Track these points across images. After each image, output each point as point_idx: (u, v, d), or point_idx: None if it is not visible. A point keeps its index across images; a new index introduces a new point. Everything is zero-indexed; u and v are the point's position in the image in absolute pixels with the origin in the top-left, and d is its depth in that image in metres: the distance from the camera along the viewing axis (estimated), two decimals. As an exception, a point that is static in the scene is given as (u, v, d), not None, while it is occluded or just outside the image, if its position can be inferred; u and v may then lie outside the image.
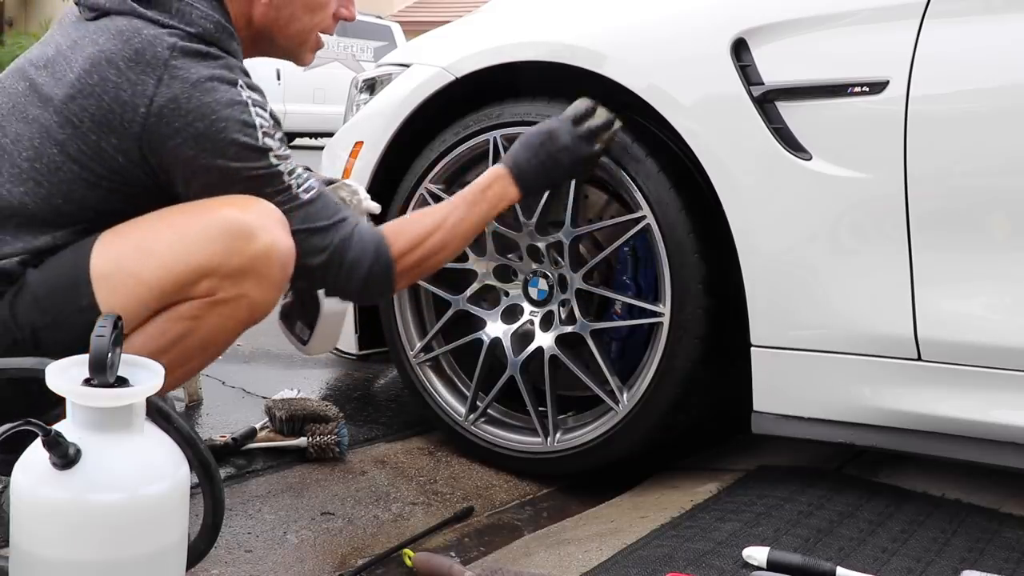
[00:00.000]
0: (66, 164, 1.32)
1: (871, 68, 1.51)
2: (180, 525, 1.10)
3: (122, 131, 1.31)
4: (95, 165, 1.33)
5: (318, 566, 1.50)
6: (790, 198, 1.57)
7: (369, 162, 2.07)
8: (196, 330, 1.34)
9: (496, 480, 1.92)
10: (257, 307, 1.36)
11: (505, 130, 1.88)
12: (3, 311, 1.31)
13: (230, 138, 1.33)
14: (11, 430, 1.00)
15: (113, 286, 1.30)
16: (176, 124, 1.31)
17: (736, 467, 1.86)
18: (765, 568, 1.32)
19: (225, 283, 1.31)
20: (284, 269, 1.36)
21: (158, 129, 1.31)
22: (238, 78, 1.37)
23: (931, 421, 1.53)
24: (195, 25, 1.36)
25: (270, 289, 1.35)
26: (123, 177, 1.34)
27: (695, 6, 1.73)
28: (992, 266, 1.47)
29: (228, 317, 1.35)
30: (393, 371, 2.54)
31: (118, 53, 1.31)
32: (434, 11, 19.55)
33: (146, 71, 1.30)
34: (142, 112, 1.30)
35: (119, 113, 1.30)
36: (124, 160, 1.33)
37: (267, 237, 1.32)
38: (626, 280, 1.86)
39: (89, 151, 1.32)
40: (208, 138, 1.32)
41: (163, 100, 1.30)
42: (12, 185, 1.33)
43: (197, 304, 1.32)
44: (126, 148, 1.32)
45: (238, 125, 1.33)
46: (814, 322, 1.58)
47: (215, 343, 1.38)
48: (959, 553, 1.41)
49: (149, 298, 1.31)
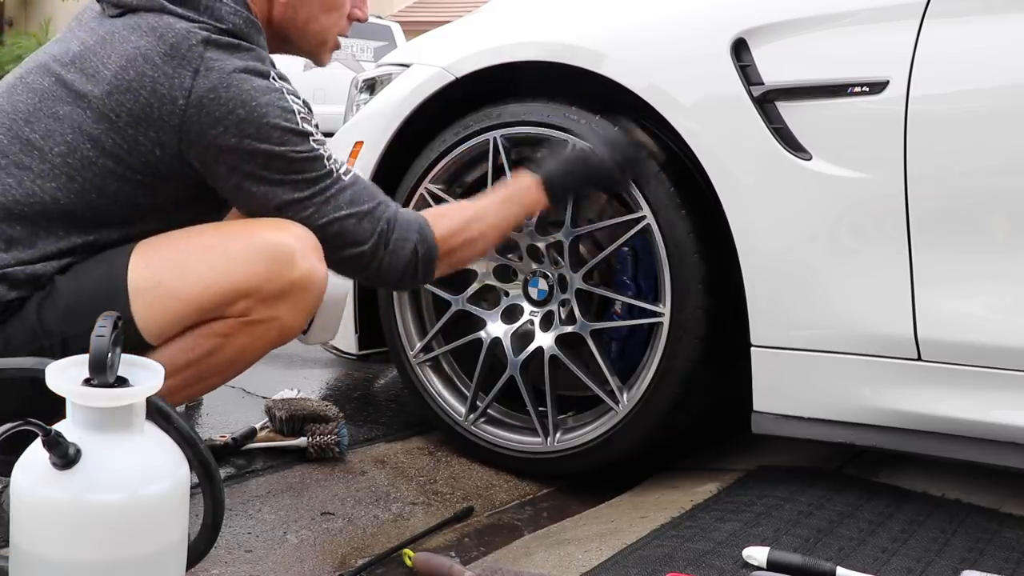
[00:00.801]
0: (100, 159, 1.33)
1: (871, 68, 1.51)
2: (180, 525, 1.10)
3: (161, 124, 1.32)
4: (131, 159, 1.34)
5: (318, 566, 1.50)
6: (790, 198, 1.57)
7: (369, 162, 2.07)
8: (225, 347, 1.36)
9: (496, 480, 1.92)
10: (287, 330, 1.39)
11: (505, 130, 1.88)
12: (30, 317, 1.32)
13: (272, 122, 1.34)
14: (11, 430, 1.00)
15: (151, 301, 1.31)
16: (216, 113, 1.32)
17: (736, 467, 1.86)
18: (765, 568, 1.32)
19: (260, 305, 1.34)
20: (319, 296, 1.39)
21: (198, 120, 1.32)
22: (269, 69, 1.39)
23: (931, 421, 1.53)
24: (225, 21, 1.38)
25: (302, 313, 1.39)
26: (157, 171, 1.35)
27: (695, 6, 1.73)
28: (992, 266, 1.47)
29: (258, 337, 1.38)
30: (393, 371, 2.54)
31: (153, 48, 1.33)
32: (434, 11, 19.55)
33: (182, 64, 1.32)
34: (181, 104, 1.32)
35: (157, 107, 1.32)
36: (161, 153, 1.34)
37: (306, 264, 1.35)
38: (626, 280, 1.86)
39: (126, 145, 1.33)
40: (251, 123, 1.33)
41: (202, 91, 1.32)
42: (44, 181, 1.33)
43: (231, 323, 1.35)
44: (164, 141, 1.33)
45: (278, 110, 1.35)
46: (814, 322, 1.58)
47: (240, 361, 1.41)
48: (959, 553, 1.41)
49: (186, 315, 1.33)
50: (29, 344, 1.30)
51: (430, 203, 1.99)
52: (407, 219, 1.48)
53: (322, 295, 1.40)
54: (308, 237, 1.38)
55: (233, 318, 1.35)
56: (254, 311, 1.35)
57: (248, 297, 1.34)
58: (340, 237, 1.42)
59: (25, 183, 1.33)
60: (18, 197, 1.33)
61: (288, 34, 1.53)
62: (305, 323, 1.42)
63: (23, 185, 1.33)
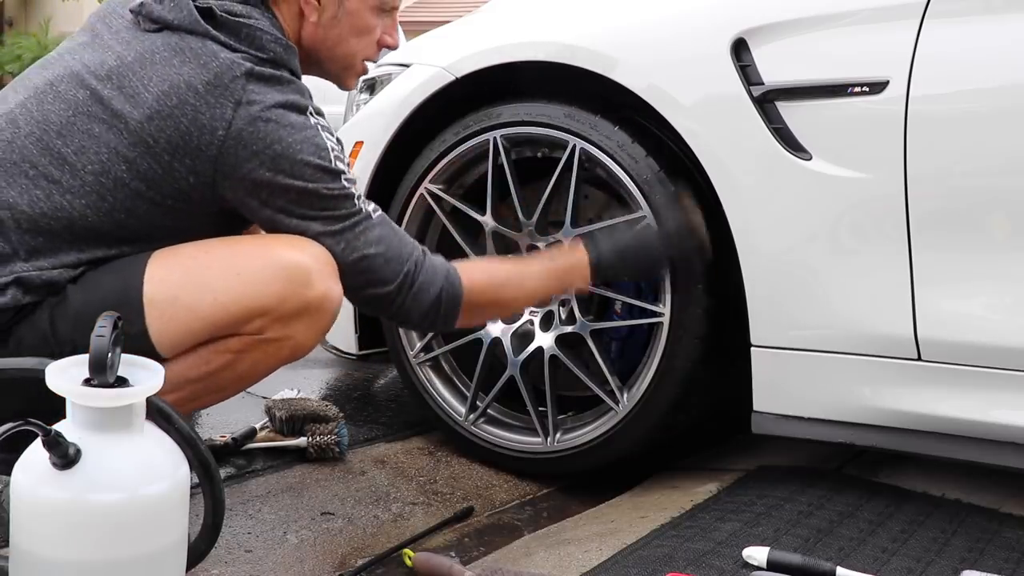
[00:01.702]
0: (133, 182, 1.33)
1: (871, 68, 1.51)
2: (180, 525, 1.11)
3: (198, 153, 1.33)
4: (163, 185, 1.34)
5: (318, 566, 1.50)
6: (790, 198, 1.57)
7: (369, 162, 2.07)
8: (237, 363, 1.38)
9: (496, 480, 1.92)
10: (299, 348, 1.40)
11: (505, 130, 1.88)
12: (42, 324, 1.31)
13: (306, 160, 1.35)
14: (11, 430, 1.00)
15: (166, 315, 1.32)
16: (254, 147, 1.33)
17: (736, 467, 1.86)
18: (765, 568, 1.32)
19: (276, 324, 1.35)
20: (334, 316, 1.40)
21: (236, 152, 1.33)
22: (307, 103, 1.40)
23: (931, 421, 1.53)
24: (266, 51, 1.38)
25: (316, 333, 1.40)
26: (188, 198, 1.36)
27: (695, 6, 1.73)
28: (992, 266, 1.47)
29: (270, 355, 1.39)
30: (393, 371, 2.54)
31: (196, 77, 1.32)
32: (434, 11, 19.53)
33: (224, 95, 1.32)
34: (220, 135, 1.32)
35: (196, 136, 1.32)
36: (194, 181, 1.34)
37: (323, 285, 1.36)
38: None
39: (160, 171, 1.33)
40: (285, 159, 1.34)
41: (241, 124, 1.32)
42: (74, 197, 1.33)
43: (246, 340, 1.36)
44: (200, 170, 1.34)
45: (313, 147, 1.36)
46: (814, 322, 1.58)
47: (250, 377, 1.42)
48: (959, 553, 1.41)
49: (200, 331, 1.34)
50: (40, 349, 1.29)
51: (429, 202, 1.99)
52: (434, 265, 1.48)
53: (336, 315, 1.40)
54: (324, 256, 1.38)
55: (248, 335, 1.35)
56: (269, 329, 1.35)
57: (264, 316, 1.34)
58: (367, 274, 1.42)
59: (54, 197, 1.32)
60: (46, 210, 1.32)
61: (317, 56, 1.53)
62: (318, 341, 1.43)
63: (52, 199, 1.32)
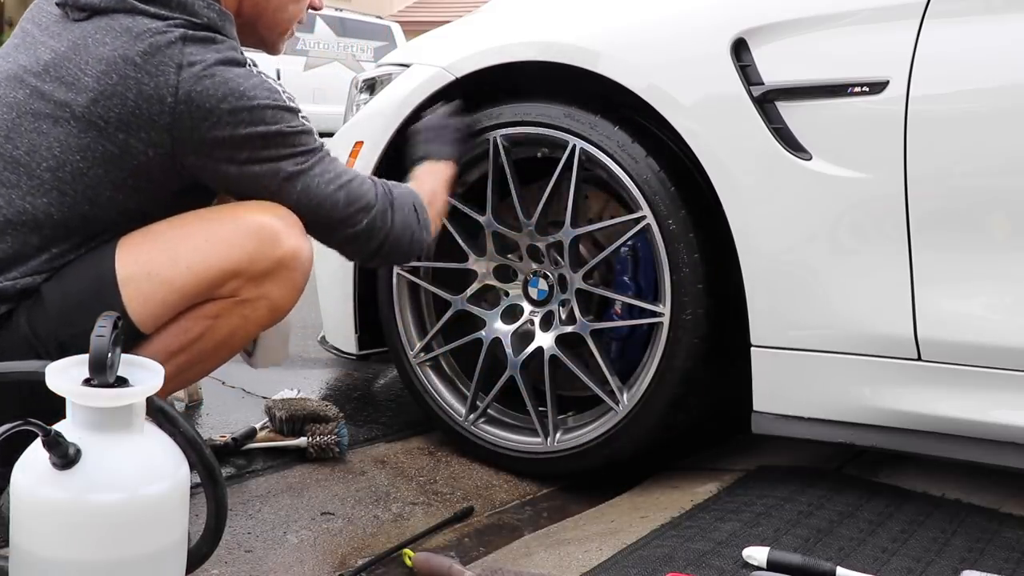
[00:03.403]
0: (91, 170, 1.33)
1: (871, 68, 1.51)
2: (180, 525, 1.11)
3: (151, 125, 1.32)
4: (123, 165, 1.33)
5: (318, 566, 1.50)
6: (790, 198, 1.57)
7: (369, 162, 2.07)
8: (216, 328, 1.38)
9: (496, 480, 1.92)
10: (277, 308, 1.42)
11: (505, 130, 1.88)
12: (21, 328, 1.31)
13: (262, 103, 1.36)
14: (11, 430, 1.00)
15: (141, 291, 1.32)
16: (207, 106, 1.32)
17: (736, 467, 1.86)
18: (765, 568, 1.32)
19: (249, 285, 1.37)
20: (306, 274, 1.42)
21: (190, 114, 1.32)
22: (245, 58, 1.41)
23: (931, 421, 1.53)
24: (199, 15, 1.38)
25: (291, 291, 1.41)
26: (150, 175, 1.36)
27: (695, 6, 1.73)
28: (992, 266, 1.47)
29: (247, 317, 1.40)
30: (393, 371, 2.54)
31: (132, 49, 1.32)
32: (434, 11, 19.55)
33: (164, 62, 1.32)
34: (169, 102, 1.31)
35: (146, 108, 1.31)
36: (153, 154, 1.34)
37: (291, 241, 1.38)
38: (626, 280, 1.86)
39: (118, 151, 1.33)
40: (243, 110, 1.35)
41: (188, 86, 1.32)
42: (34, 197, 1.32)
43: (221, 303, 1.37)
44: (157, 141, 1.33)
45: (265, 92, 1.37)
46: (814, 322, 1.58)
47: (232, 342, 1.43)
48: (959, 553, 1.41)
49: (176, 300, 1.34)
50: (24, 354, 1.29)
51: (430, 203, 1.99)
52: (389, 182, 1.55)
53: (308, 272, 1.43)
54: (292, 216, 1.40)
55: (223, 299, 1.37)
56: (243, 290, 1.37)
57: (236, 277, 1.35)
58: (354, 202, 1.46)
59: (15, 202, 1.32)
60: (9, 216, 1.32)
61: (256, 24, 1.54)
62: (295, 301, 1.44)
63: (12, 204, 1.32)
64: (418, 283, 2.05)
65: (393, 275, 2.06)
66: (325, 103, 11.97)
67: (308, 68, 12.26)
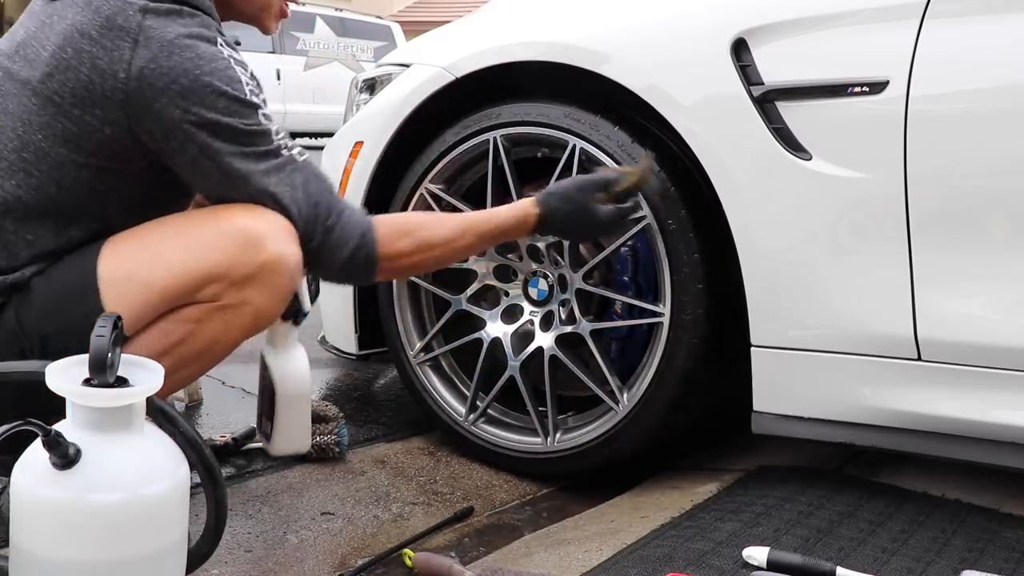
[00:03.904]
0: (53, 148, 1.30)
1: (871, 68, 1.51)
2: (180, 525, 1.11)
3: (105, 101, 1.28)
4: (82, 142, 1.30)
5: (318, 566, 1.50)
6: (790, 198, 1.57)
7: (369, 162, 2.07)
8: (198, 334, 1.34)
9: (496, 480, 1.92)
10: (260, 315, 1.36)
11: (505, 130, 1.88)
12: (10, 321, 1.30)
13: (219, 90, 1.29)
14: (11, 430, 1.00)
15: (121, 291, 1.30)
16: (159, 84, 1.27)
17: (736, 467, 1.86)
18: (765, 568, 1.32)
19: (231, 289, 1.32)
20: (292, 279, 1.36)
21: (141, 92, 1.27)
22: (216, 35, 1.34)
23: (931, 421, 1.53)
24: None
25: (274, 297, 1.35)
26: (111, 151, 1.31)
27: (695, 6, 1.73)
28: (992, 266, 1.47)
29: (231, 323, 1.35)
30: (393, 371, 2.54)
31: (89, 22, 1.28)
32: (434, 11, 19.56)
33: (120, 36, 1.27)
34: (122, 78, 1.27)
35: (99, 83, 1.27)
36: (111, 131, 1.30)
37: (275, 247, 1.32)
38: (626, 280, 1.86)
39: (75, 128, 1.29)
40: (195, 93, 1.28)
41: (142, 62, 1.27)
42: (3, 180, 1.31)
43: (203, 308, 1.32)
44: (113, 118, 1.29)
45: (224, 78, 1.30)
46: (814, 322, 1.58)
47: (215, 349, 1.38)
48: (959, 553, 1.41)
49: (156, 302, 1.31)
50: (10, 348, 1.29)
51: (429, 202, 1.99)
52: (354, 220, 1.42)
53: (294, 278, 1.36)
54: (279, 221, 1.35)
55: (205, 304, 1.32)
56: (224, 295, 1.32)
57: (217, 281, 1.31)
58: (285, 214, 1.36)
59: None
60: None
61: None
62: (281, 307, 1.38)
63: None
64: (418, 283, 2.05)
65: (393, 275, 2.06)
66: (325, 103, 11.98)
67: (308, 68, 12.26)
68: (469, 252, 1.64)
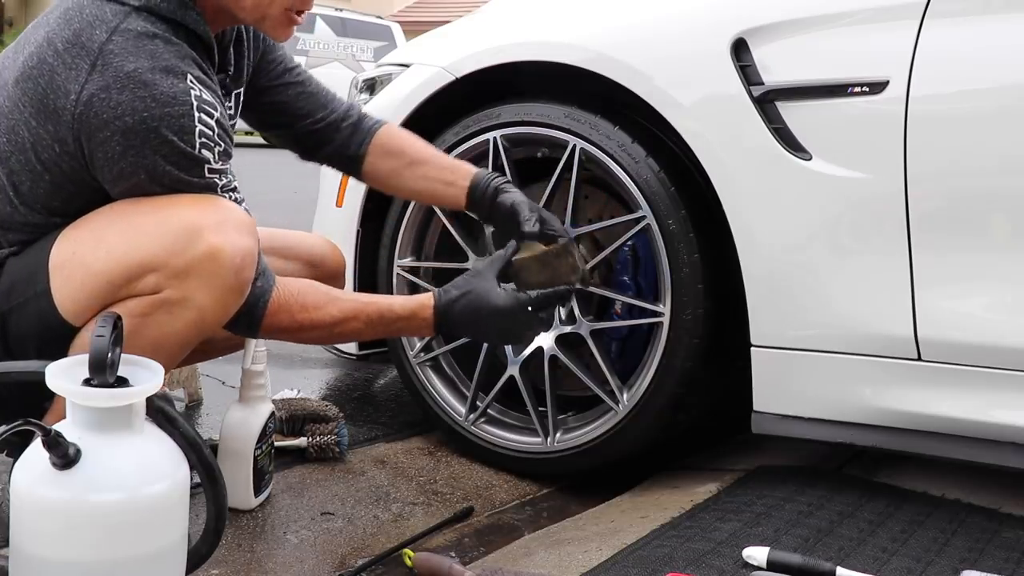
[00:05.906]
0: (13, 156, 1.29)
1: (871, 68, 1.51)
2: (180, 525, 1.11)
3: (57, 118, 1.24)
4: (39, 154, 1.27)
5: (318, 566, 1.50)
6: (790, 198, 1.57)
7: (369, 162, 2.06)
8: (144, 329, 1.26)
9: (496, 480, 1.92)
10: (206, 311, 1.28)
11: (505, 130, 1.88)
12: None
13: (164, 137, 1.24)
14: (11, 430, 1.00)
15: (66, 274, 1.27)
16: (104, 116, 1.22)
17: (736, 467, 1.86)
18: (765, 568, 1.32)
19: (172, 281, 1.25)
20: (237, 274, 1.27)
21: (87, 119, 1.23)
22: (188, 71, 1.27)
23: (931, 421, 1.53)
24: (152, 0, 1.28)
25: (219, 294, 1.27)
26: (61, 170, 1.28)
27: (695, 6, 1.73)
28: (992, 266, 1.47)
29: (176, 318, 1.27)
30: (393, 371, 2.54)
31: (59, 33, 1.25)
32: (434, 11, 19.57)
33: (80, 55, 1.23)
34: (72, 99, 1.23)
35: (53, 99, 1.24)
36: (60, 150, 1.26)
37: (215, 239, 1.24)
38: (626, 280, 1.86)
39: (31, 139, 1.27)
40: (138, 134, 1.22)
41: (94, 88, 1.22)
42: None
43: (144, 300, 1.26)
44: (62, 137, 1.25)
45: (174, 127, 1.24)
46: (814, 322, 1.58)
47: (165, 346, 1.28)
48: (959, 553, 1.41)
49: (96, 289, 1.26)
50: None
51: (430, 203, 1.99)
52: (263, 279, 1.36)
53: (240, 275, 1.28)
54: (226, 213, 1.28)
55: (146, 296, 1.25)
56: (165, 287, 1.24)
57: (156, 271, 1.24)
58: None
59: None
60: None
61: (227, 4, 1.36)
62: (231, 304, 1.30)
63: None
64: (418, 283, 2.05)
65: (393, 275, 2.06)
66: (325, 103, 11.97)
67: (308, 68, 12.27)
68: (358, 337, 1.58)
